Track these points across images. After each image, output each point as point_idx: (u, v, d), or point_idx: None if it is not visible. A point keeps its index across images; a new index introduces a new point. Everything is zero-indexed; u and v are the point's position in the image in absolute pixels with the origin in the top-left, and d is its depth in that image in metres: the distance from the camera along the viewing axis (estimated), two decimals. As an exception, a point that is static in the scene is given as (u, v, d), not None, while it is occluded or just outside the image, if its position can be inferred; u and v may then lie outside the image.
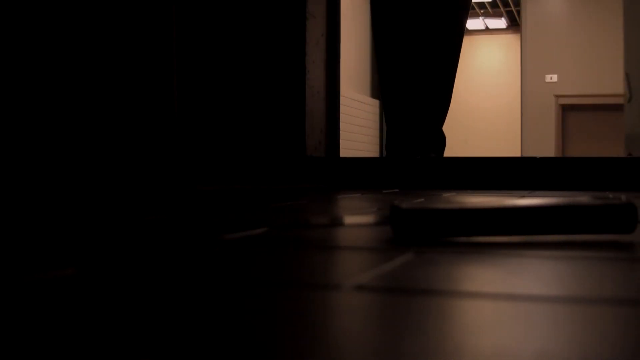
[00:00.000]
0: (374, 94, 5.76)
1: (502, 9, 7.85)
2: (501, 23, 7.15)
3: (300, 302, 0.29)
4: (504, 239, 0.52)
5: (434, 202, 0.51)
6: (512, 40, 6.94)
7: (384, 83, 1.81)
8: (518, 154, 6.03)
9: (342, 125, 4.65)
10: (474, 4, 6.42)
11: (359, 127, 5.21)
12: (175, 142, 1.76)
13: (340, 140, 2.12)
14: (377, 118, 5.71)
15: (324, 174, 1.84)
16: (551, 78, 6.14)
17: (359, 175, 1.79)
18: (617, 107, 6.14)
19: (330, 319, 0.26)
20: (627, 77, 2.72)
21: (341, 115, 2.40)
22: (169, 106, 1.77)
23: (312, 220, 0.68)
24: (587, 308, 0.27)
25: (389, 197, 1.21)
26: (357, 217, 0.72)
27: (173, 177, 1.69)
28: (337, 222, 0.66)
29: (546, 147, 6.06)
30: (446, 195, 1.25)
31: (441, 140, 1.80)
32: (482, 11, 6.72)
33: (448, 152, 1.90)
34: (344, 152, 4.85)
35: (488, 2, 6.47)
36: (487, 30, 7.09)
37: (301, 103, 1.90)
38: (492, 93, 7.00)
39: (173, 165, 1.70)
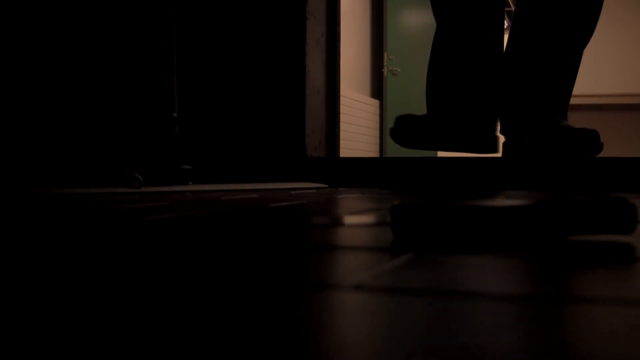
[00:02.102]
0: (374, 94, 5.76)
1: (502, 9, 7.83)
2: (501, 23, 7.13)
3: (300, 302, 0.29)
4: (505, 238, 0.52)
5: (434, 202, 0.51)
6: (512, 40, 6.92)
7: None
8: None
9: (342, 125, 4.65)
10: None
11: (359, 127, 5.21)
12: (175, 143, 1.76)
13: (340, 140, 2.12)
14: (377, 118, 5.71)
15: (323, 173, 1.83)
16: (551, 78, 6.14)
17: (359, 175, 1.79)
18: (617, 107, 6.15)
19: (330, 319, 0.25)
20: None
21: (341, 115, 2.40)
22: (169, 106, 1.77)
23: (312, 220, 0.68)
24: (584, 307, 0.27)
25: (389, 197, 1.21)
26: (357, 217, 0.72)
27: (170, 176, 1.70)
28: (337, 222, 0.66)
29: (546, 147, 6.07)
30: (446, 195, 1.25)
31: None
32: (482, 11, 6.71)
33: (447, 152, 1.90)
34: (344, 152, 4.84)
35: (488, 2, 6.46)
36: (487, 30, 7.08)
37: (301, 103, 1.90)
38: (492, 93, 6.97)
39: (173, 165, 1.70)
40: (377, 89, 5.73)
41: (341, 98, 4.56)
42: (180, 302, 0.28)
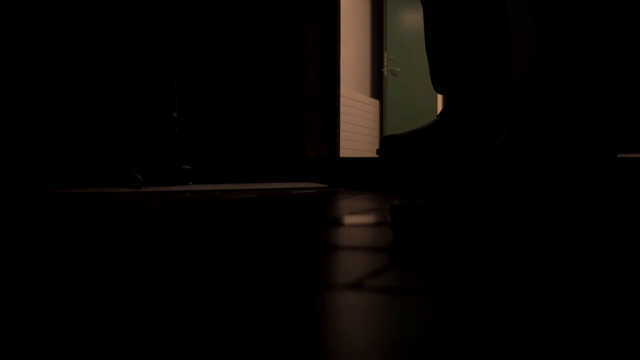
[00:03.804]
0: (374, 94, 5.76)
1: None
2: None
3: (300, 301, 0.29)
4: (503, 237, 0.52)
5: (433, 202, 0.51)
6: (512, 40, 6.91)
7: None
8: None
9: (342, 125, 4.64)
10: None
11: (359, 127, 5.21)
12: (175, 143, 1.76)
13: (340, 140, 2.12)
14: (377, 118, 5.71)
15: (323, 173, 1.83)
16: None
17: (359, 175, 1.79)
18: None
19: (330, 318, 0.26)
20: None
21: (341, 115, 2.39)
22: (169, 106, 1.77)
23: (312, 220, 0.68)
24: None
25: (389, 197, 1.21)
26: (357, 217, 0.72)
27: (174, 176, 1.69)
28: (337, 222, 0.66)
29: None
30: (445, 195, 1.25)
31: None
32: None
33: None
34: (344, 152, 4.80)
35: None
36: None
37: (301, 103, 1.90)
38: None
39: (173, 165, 1.70)
40: (377, 89, 5.73)
41: (341, 98, 4.54)
42: (185, 302, 0.28)
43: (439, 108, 5.79)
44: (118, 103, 1.76)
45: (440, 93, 1.58)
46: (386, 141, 1.51)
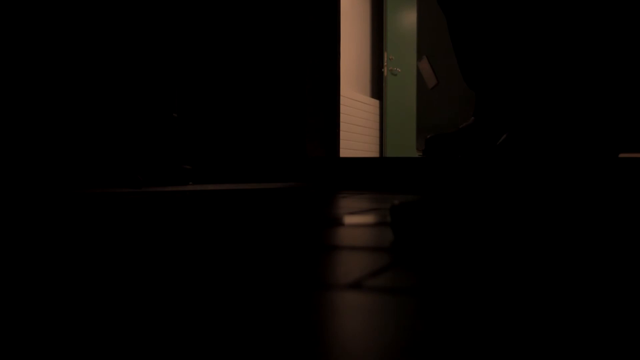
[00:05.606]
0: (374, 94, 5.76)
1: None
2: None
3: (301, 301, 0.29)
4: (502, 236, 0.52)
5: (433, 202, 0.51)
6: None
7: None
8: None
9: (342, 125, 4.63)
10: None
11: (359, 127, 5.20)
12: (175, 143, 1.76)
13: (340, 140, 2.12)
14: (377, 118, 5.70)
15: (323, 173, 1.83)
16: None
17: (359, 175, 1.79)
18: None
19: (330, 318, 0.26)
20: None
21: (341, 115, 2.39)
22: (169, 106, 1.77)
23: (313, 220, 0.68)
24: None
25: (389, 197, 1.21)
26: (357, 217, 0.72)
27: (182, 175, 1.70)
28: (337, 222, 0.66)
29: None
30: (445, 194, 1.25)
31: None
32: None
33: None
34: (344, 152, 4.79)
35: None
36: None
37: (301, 103, 1.90)
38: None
39: (173, 165, 1.70)
40: (377, 89, 5.73)
41: (341, 98, 4.53)
42: (188, 300, 0.28)
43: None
44: (118, 103, 1.76)
45: (472, 89, 1.55)
46: (432, 141, 1.47)
